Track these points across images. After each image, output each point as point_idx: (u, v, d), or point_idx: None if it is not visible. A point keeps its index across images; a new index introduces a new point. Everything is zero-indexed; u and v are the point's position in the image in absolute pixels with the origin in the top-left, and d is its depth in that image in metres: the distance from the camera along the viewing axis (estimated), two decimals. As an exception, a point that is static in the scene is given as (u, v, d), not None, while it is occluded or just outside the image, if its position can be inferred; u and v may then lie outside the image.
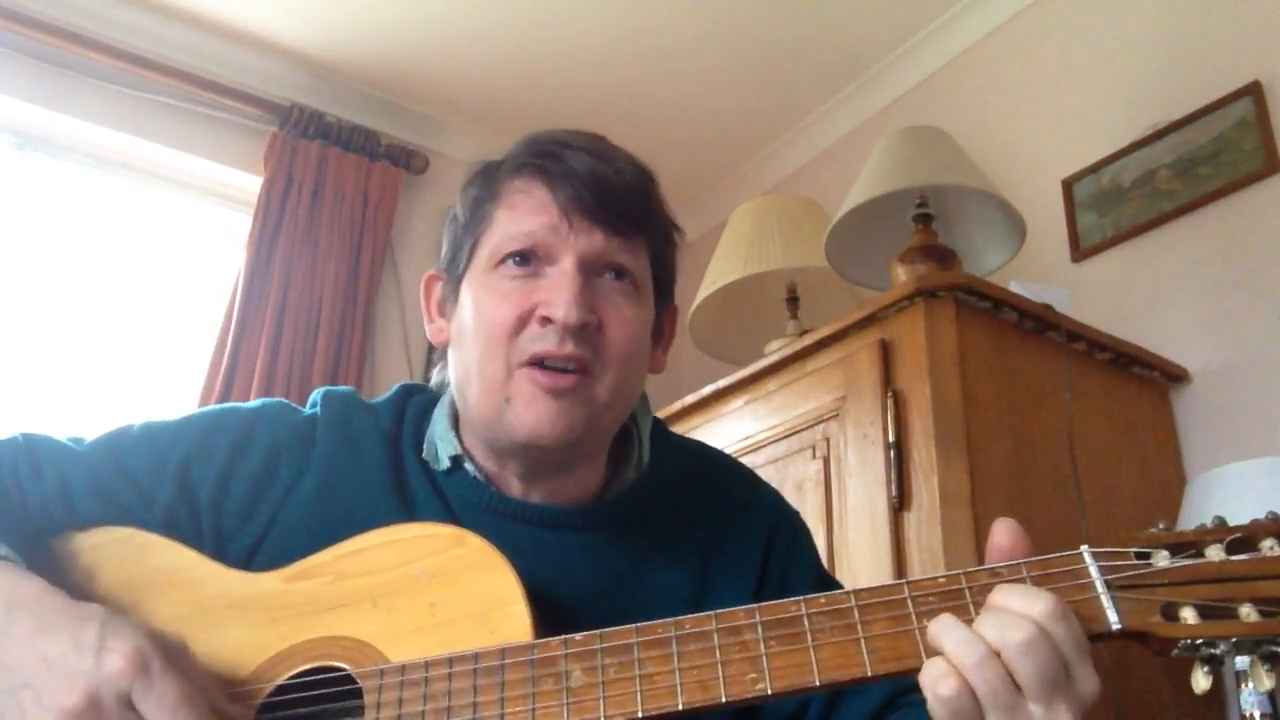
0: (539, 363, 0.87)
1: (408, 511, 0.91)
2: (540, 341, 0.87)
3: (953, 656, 0.68)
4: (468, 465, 0.95)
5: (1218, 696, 1.78)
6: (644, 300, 0.95)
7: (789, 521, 1.04)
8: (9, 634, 0.73)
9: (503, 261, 0.91)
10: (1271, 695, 1.56)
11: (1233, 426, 1.91)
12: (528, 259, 0.90)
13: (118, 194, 2.97)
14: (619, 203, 0.92)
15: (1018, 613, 0.68)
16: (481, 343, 0.89)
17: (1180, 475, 1.94)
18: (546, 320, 0.87)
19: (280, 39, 3.04)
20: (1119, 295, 2.17)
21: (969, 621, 0.69)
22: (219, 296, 2.91)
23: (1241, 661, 1.58)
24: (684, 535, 0.97)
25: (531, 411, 0.86)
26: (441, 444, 0.96)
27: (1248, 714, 1.57)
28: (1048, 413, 1.76)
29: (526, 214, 0.91)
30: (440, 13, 2.91)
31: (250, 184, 3.03)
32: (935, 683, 0.67)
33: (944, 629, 0.69)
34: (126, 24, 2.90)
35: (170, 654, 0.73)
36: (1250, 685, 1.56)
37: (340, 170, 3.08)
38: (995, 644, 0.67)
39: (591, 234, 0.90)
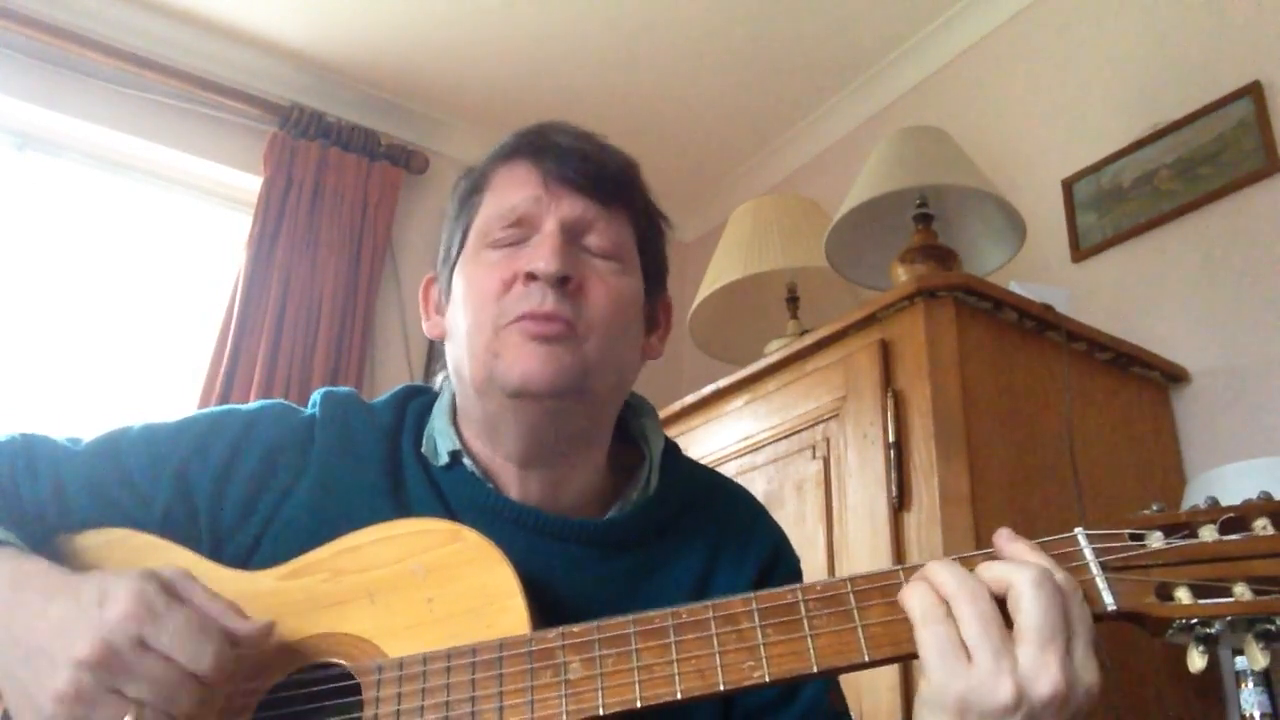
0: (526, 319, 0.88)
1: (404, 512, 0.91)
2: (524, 300, 0.88)
3: (946, 586, 0.69)
4: (466, 461, 0.95)
5: (1218, 696, 1.78)
6: (629, 273, 0.96)
7: (788, 561, 1.04)
8: (16, 610, 0.74)
9: (489, 239, 0.93)
10: (1272, 695, 1.56)
11: (1233, 426, 1.91)
12: (513, 235, 0.92)
13: (118, 194, 2.97)
14: (600, 173, 0.94)
15: (1032, 554, 0.70)
16: (470, 313, 0.91)
17: (1180, 475, 1.94)
18: (530, 277, 0.88)
19: (280, 39, 3.04)
20: (1119, 295, 2.17)
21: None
22: (219, 296, 2.91)
23: (1242, 662, 1.58)
24: (682, 557, 0.97)
25: (520, 359, 0.87)
26: (440, 439, 0.96)
27: (1248, 714, 1.57)
28: (1048, 413, 1.76)
29: (511, 191, 0.94)
30: (440, 13, 2.91)
31: (250, 184, 3.03)
32: (922, 606, 0.68)
33: (940, 567, 0.70)
34: (126, 24, 2.90)
35: (171, 585, 0.74)
36: (1251, 685, 1.57)
37: (340, 170, 3.08)
38: (1002, 578, 0.68)
39: (573, 200, 0.93)
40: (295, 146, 3.04)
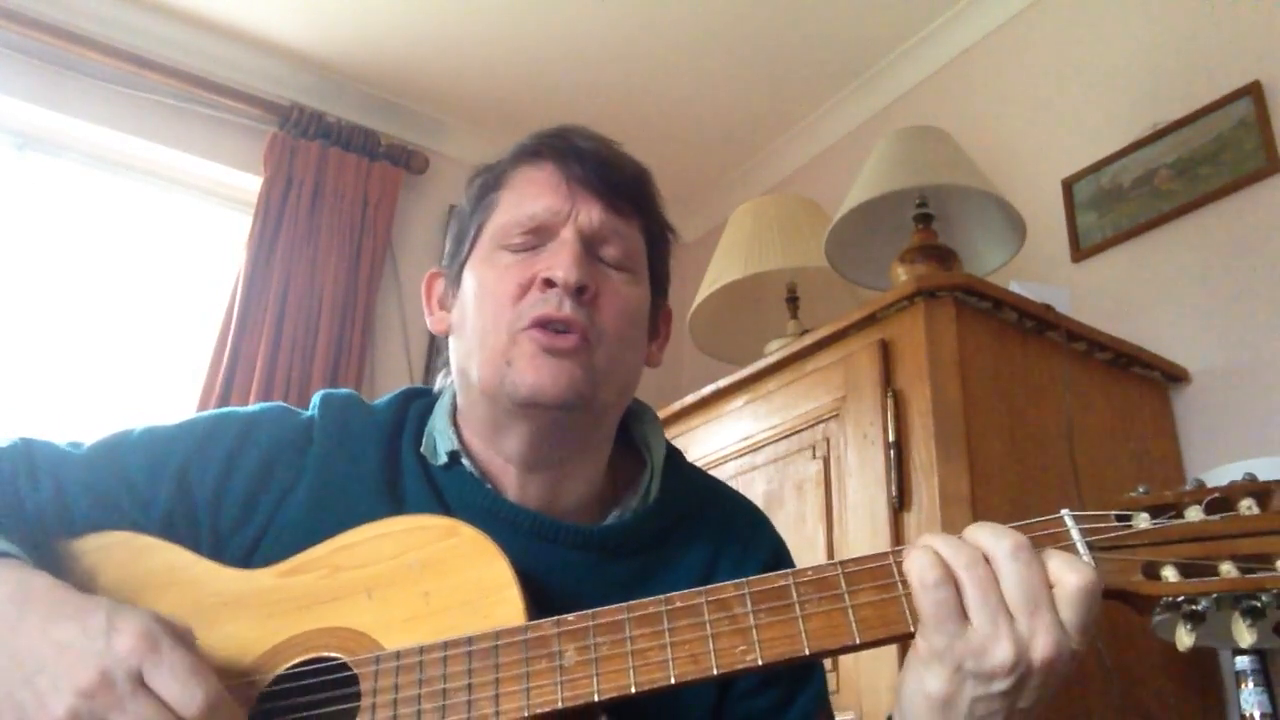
0: (540, 326, 0.89)
1: (400, 511, 0.91)
2: (541, 305, 0.89)
3: (943, 554, 0.70)
4: (464, 461, 0.95)
5: (1218, 696, 1.78)
6: (640, 282, 0.97)
7: (787, 567, 1.02)
8: (20, 628, 0.74)
9: (506, 241, 0.94)
10: (1272, 695, 1.56)
11: (1233, 426, 1.91)
12: (531, 237, 0.93)
13: (117, 194, 2.97)
14: (620, 181, 0.96)
15: (1008, 528, 0.71)
16: (484, 314, 0.92)
17: (1180, 475, 1.93)
18: (547, 284, 0.89)
19: (280, 39, 3.04)
20: (1119, 295, 2.17)
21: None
22: (219, 296, 2.91)
23: (1242, 662, 1.58)
24: (680, 565, 0.97)
25: (533, 369, 0.88)
26: (440, 438, 0.96)
27: (1248, 714, 1.57)
28: (1048, 413, 1.76)
29: (531, 194, 0.95)
30: (441, 13, 2.91)
31: (250, 184, 3.03)
32: (922, 571, 0.69)
33: (934, 538, 0.72)
34: (126, 24, 2.90)
35: (176, 635, 0.74)
36: (1251, 685, 1.57)
37: (340, 170, 3.08)
38: (986, 549, 0.70)
39: (592, 207, 0.93)
40: (295, 146, 3.04)
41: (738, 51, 2.99)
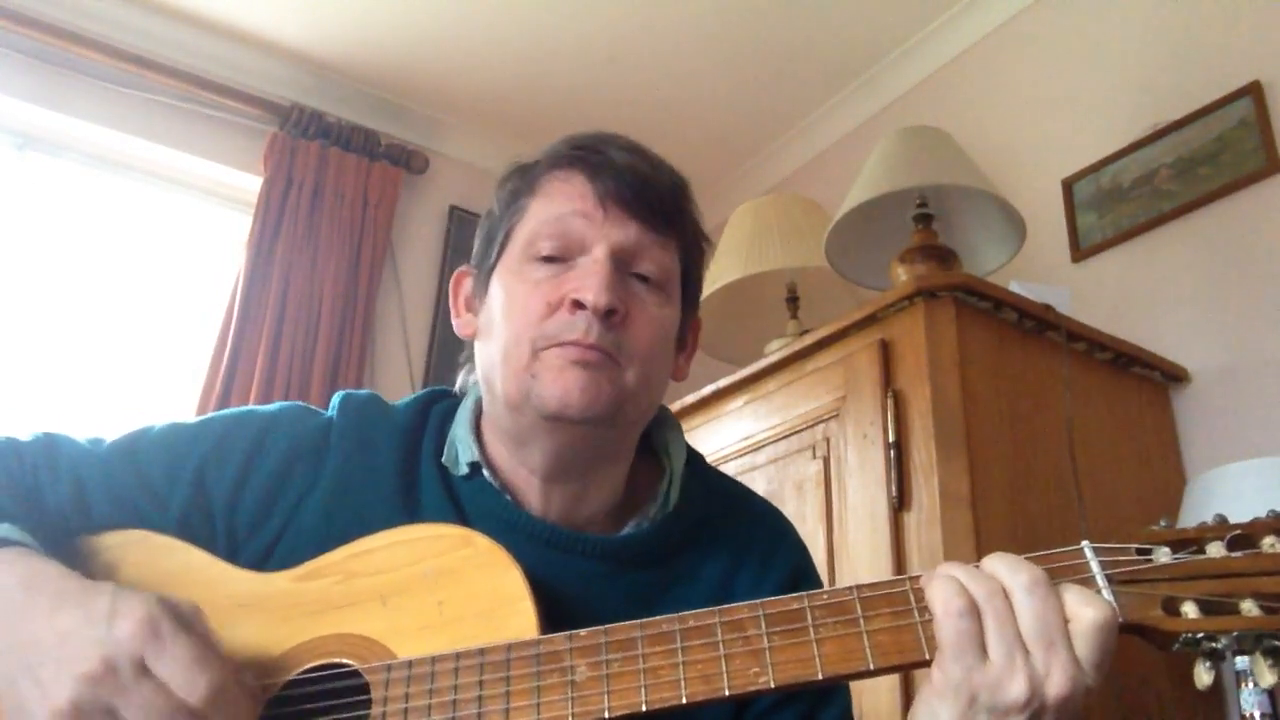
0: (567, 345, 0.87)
1: (416, 519, 0.90)
2: (569, 329, 0.87)
3: (968, 586, 0.70)
4: (485, 472, 0.94)
5: (1218, 696, 1.79)
6: (671, 302, 0.95)
7: (809, 580, 1.02)
8: (28, 614, 0.74)
9: (536, 252, 0.91)
10: (1272, 695, 1.57)
11: (1233, 426, 1.91)
12: (561, 251, 0.90)
13: (118, 194, 2.97)
14: (655, 197, 0.93)
15: (1025, 561, 0.71)
16: (510, 329, 0.90)
17: (1180, 475, 1.94)
18: (576, 305, 0.87)
19: (280, 39, 3.04)
20: (1119, 295, 2.18)
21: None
22: (219, 296, 2.91)
23: (1242, 662, 1.59)
24: (698, 576, 0.96)
25: (560, 381, 0.86)
26: (461, 447, 0.95)
27: (1248, 714, 1.57)
28: (1048, 413, 1.76)
29: (563, 203, 0.92)
30: (440, 13, 2.91)
31: (250, 184, 3.03)
32: (947, 599, 0.69)
33: (953, 567, 0.72)
34: (126, 24, 2.90)
35: (182, 618, 0.73)
36: (1251, 685, 1.57)
37: (340, 170, 3.08)
38: (1003, 581, 0.70)
39: (626, 225, 0.91)
40: (295, 146, 3.04)
41: (738, 51, 2.99)
